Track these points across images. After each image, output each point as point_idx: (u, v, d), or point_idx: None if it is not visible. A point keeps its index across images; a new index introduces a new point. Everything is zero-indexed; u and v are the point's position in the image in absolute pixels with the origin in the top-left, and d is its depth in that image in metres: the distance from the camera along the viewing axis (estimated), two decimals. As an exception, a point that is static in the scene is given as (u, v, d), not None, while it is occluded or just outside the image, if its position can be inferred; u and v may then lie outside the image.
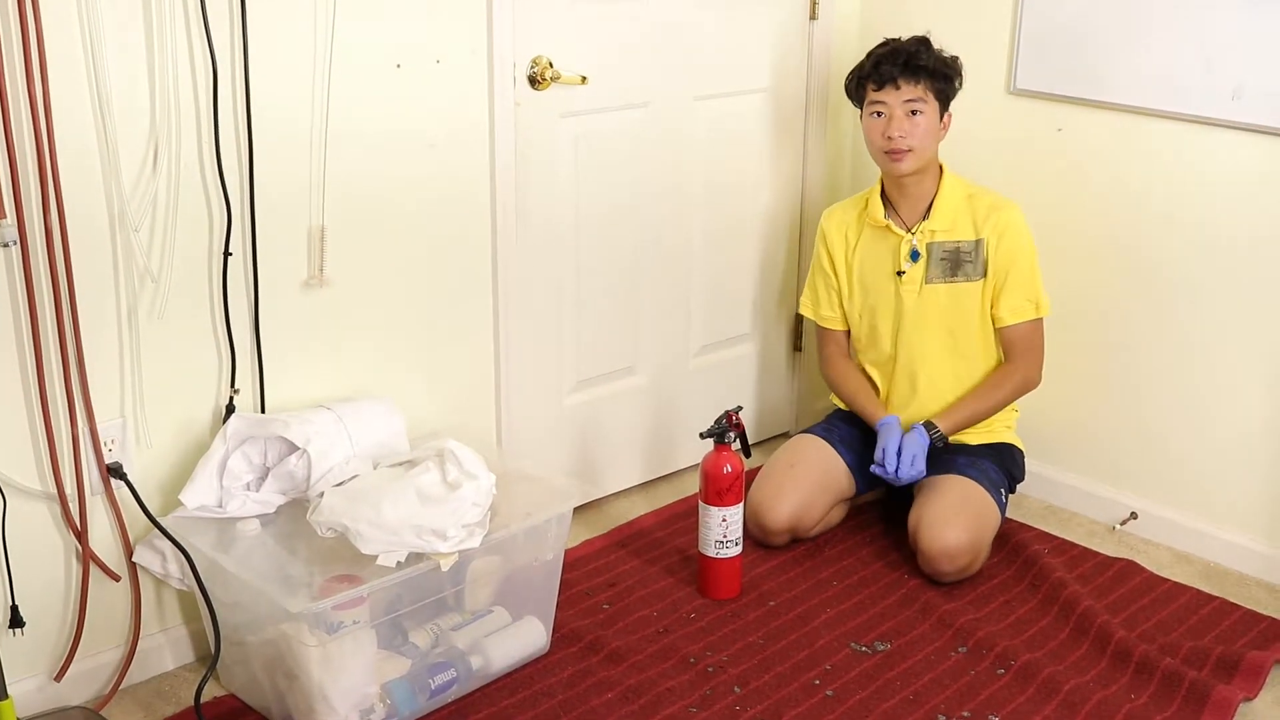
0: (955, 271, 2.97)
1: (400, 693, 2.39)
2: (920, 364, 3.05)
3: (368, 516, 2.29)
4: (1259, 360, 2.93)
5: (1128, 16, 2.97)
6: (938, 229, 2.98)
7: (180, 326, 2.43)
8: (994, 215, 2.97)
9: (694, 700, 2.52)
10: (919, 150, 2.92)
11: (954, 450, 3.05)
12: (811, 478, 3.04)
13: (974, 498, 2.92)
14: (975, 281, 2.97)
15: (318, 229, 2.56)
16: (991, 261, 2.96)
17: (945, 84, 2.94)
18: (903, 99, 2.90)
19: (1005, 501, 3.02)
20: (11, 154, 2.13)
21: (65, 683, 2.43)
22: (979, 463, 3.01)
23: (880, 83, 2.92)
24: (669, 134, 3.15)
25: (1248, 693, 2.53)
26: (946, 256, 2.97)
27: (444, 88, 2.68)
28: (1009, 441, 3.12)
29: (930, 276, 2.99)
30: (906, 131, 2.90)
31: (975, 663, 2.64)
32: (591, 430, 3.22)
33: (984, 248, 2.96)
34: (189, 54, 2.31)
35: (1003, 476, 3.03)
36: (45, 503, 2.34)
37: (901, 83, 2.90)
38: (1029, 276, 2.98)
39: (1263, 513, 2.99)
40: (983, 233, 2.96)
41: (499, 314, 2.91)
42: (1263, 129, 2.82)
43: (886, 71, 2.91)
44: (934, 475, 2.98)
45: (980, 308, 2.99)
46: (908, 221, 3.02)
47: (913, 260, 2.99)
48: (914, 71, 2.90)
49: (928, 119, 2.92)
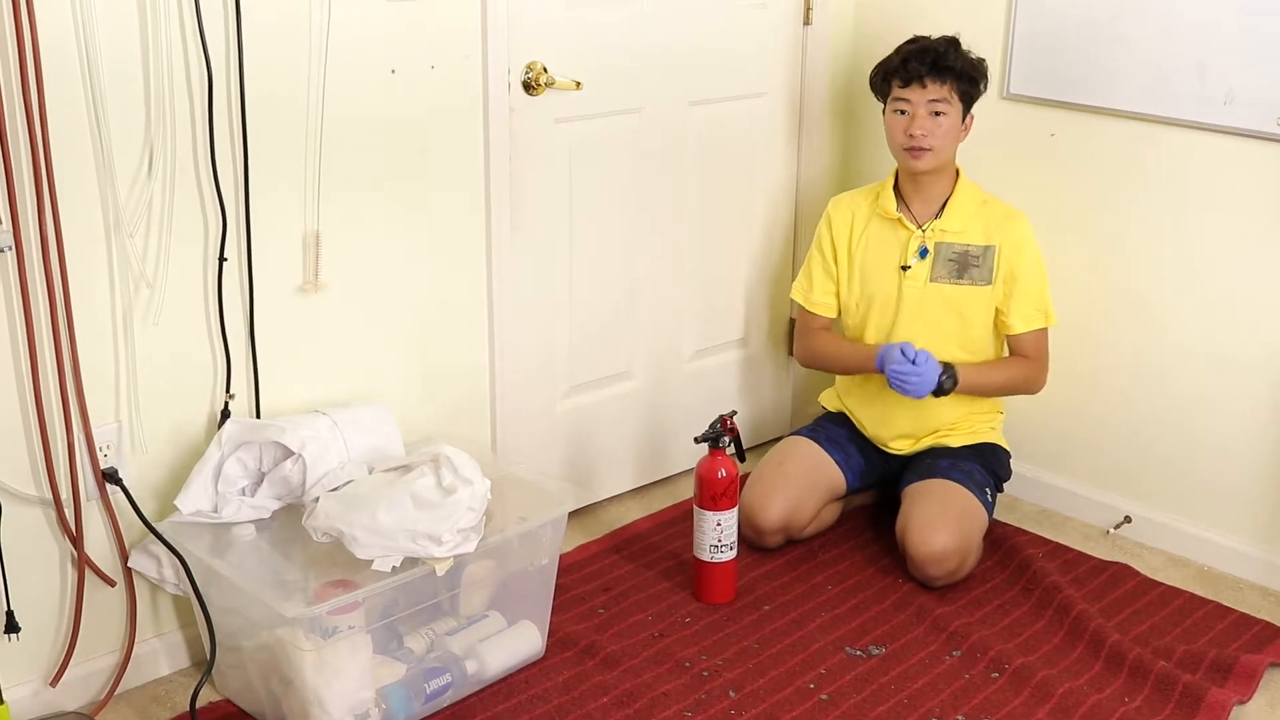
0: (962, 274, 2.98)
1: (395, 697, 2.39)
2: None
3: (363, 521, 2.29)
4: (1252, 364, 2.94)
5: (1120, 22, 2.98)
6: (949, 229, 2.99)
7: (175, 331, 2.43)
8: (1006, 224, 2.98)
9: (689, 704, 2.52)
10: (939, 150, 2.93)
11: (938, 453, 3.06)
12: (801, 476, 3.05)
13: (959, 501, 2.93)
14: (981, 287, 2.98)
15: (313, 234, 2.57)
16: (1001, 270, 2.97)
17: (970, 86, 2.95)
18: (927, 98, 2.91)
19: (992, 502, 3.03)
20: (7, 159, 2.13)
21: (61, 688, 2.43)
22: (963, 465, 3.01)
23: (906, 80, 2.93)
24: (663, 139, 3.16)
25: (1241, 696, 2.54)
26: (955, 258, 2.98)
27: (438, 93, 2.69)
28: (993, 442, 3.12)
29: (936, 275, 2.99)
30: (929, 130, 2.91)
31: (969, 666, 2.65)
32: (586, 435, 3.22)
33: (994, 255, 2.96)
34: (184, 58, 2.32)
35: (988, 477, 3.04)
36: (40, 508, 2.34)
37: (928, 82, 2.91)
38: (1039, 286, 3.00)
39: (1256, 516, 3.00)
40: (994, 240, 2.97)
41: (493, 318, 2.91)
42: (1254, 134, 2.83)
43: (914, 69, 2.91)
44: (918, 480, 2.99)
45: (982, 314, 3.00)
46: (919, 218, 3.03)
47: (920, 257, 3.00)
48: (941, 72, 2.91)
49: (950, 120, 2.93)
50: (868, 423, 3.15)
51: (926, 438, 3.10)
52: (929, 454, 3.06)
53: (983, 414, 3.11)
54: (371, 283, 2.69)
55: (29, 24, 2.09)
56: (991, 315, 3.01)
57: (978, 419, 3.10)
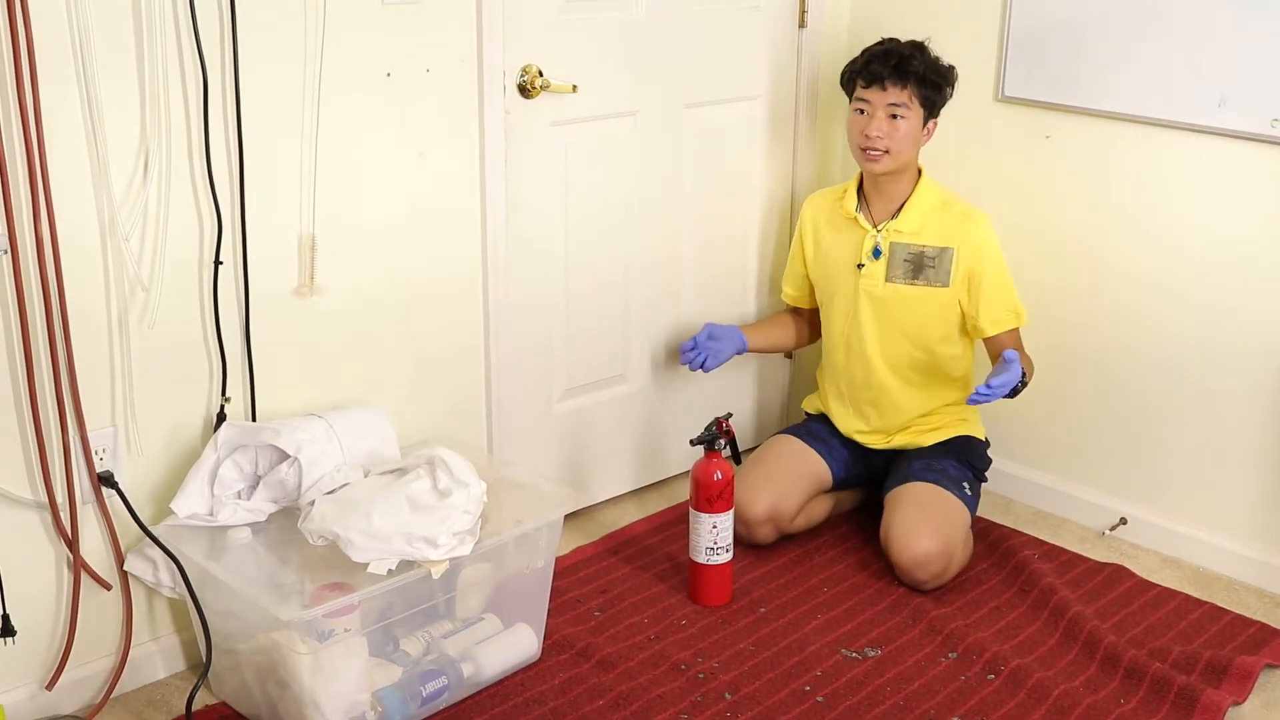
0: (917, 275, 3.00)
1: (391, 700, 2.39)
2: (870, 356, 3.08)
3: (359, 524, 2.29)
4: (1247, 365, 2.94)
5: (1116, 24, 2.99)
6: (904, 230, 3.00)
7: (171, 335, 2.43)
8: (965, 225, 2.98)
9: (685, 707, 2.52)
10: (895, 153, 2.94)
11: (912, 456, 3.08)
12: (784, 467, 3.08)
13: (937, 502, 2.94)
14: (937, 288, 2.99)
15: (308, 237, 2.57)
16: (959, 272, 2.98)
17: (933, 92, 2.96)
18: (887, 101, 2.92)
19: (973, 495, 3.03)
20: (2, 163, 2.13)
21: (57, 691, 2.43)
22: (936, 464, 3.03)
23: (868, 81, 2.94)
24: (659, 142, 3.16)
25: (1236, 697, 2.54)
26: (910, 259, 3.00)
27: (434, 96, 2.69)
28: (965, 434, 3.13)
29: (891, 275, 3.02)
30: (885, 133, 2.92)
31: (965, 668, 2.65)
32: (582, 437, 3.23)
33: (951, 257, 2.97)
34: (179, 62, 2.32)
35: (964, 471, 3.05)
36: (36, 511, 2.34)
37: (888, 84, 2.92)
38: (1005, 287, 3.01)
39: (1252, 518, 3.01)
40: (952, 242, 2.98)
41: (489, 321, 2.91)
42: (1249, 136, 2.83)
43: (875, 71, 2.93)
44: (896, 485, 3.02)
45: (940, 315, 3.01)
46: (876, 218, 3.04)
47: (874, 257, 3.02)
48: (902, 76, 2.92)
49: (909, 124, 2.94)
50: (839, 417, 3.19)
51: (897, 435, 3.13)
52: (904, 456, 3.09)
53: (949, 407, 3.13)
54: (367, 285, 2.69)
55: (24, 25, 2.10)
56: (952, 316, 3.02)
57: (944, 414, 3.12)
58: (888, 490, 3.05)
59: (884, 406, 3.11)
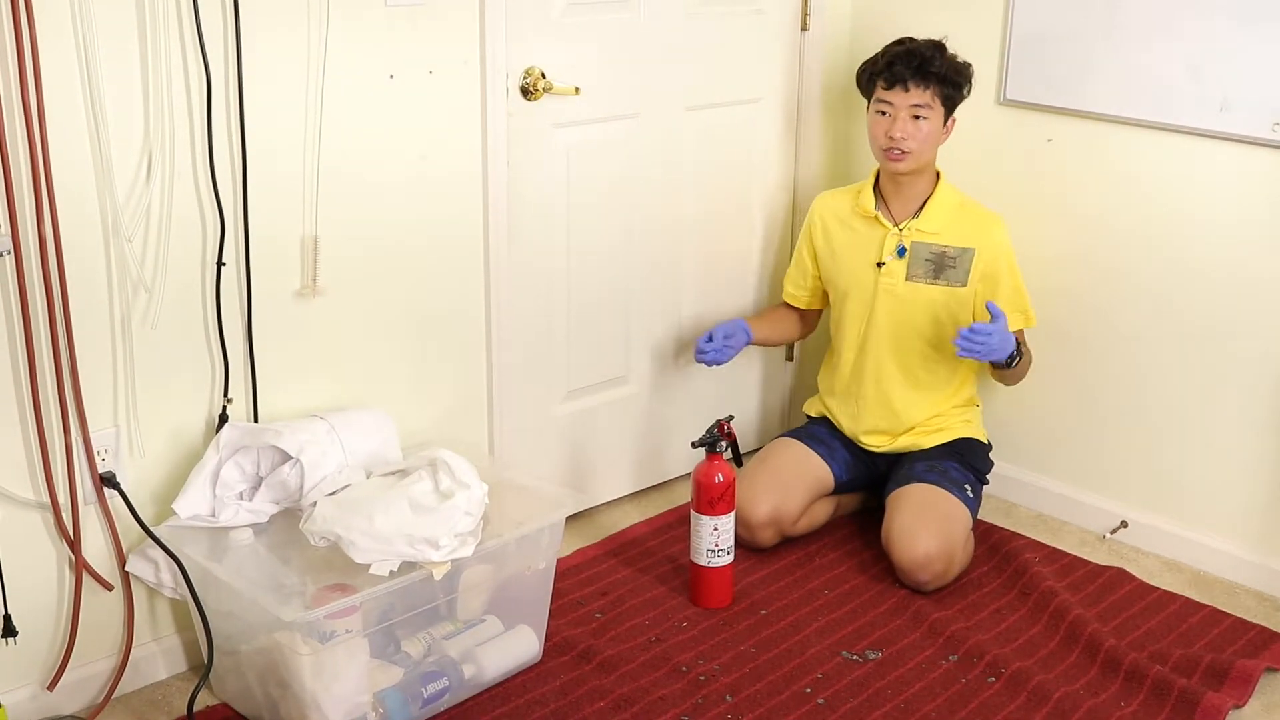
0: (938, 274, 3.00)
1: (393, 701, 2.40)
2: (883, 354, 3.08)
3: (360, 526, 2.30)
4: (1246, 369, 2.94)
5: (1117, 28, 2.99)
6: (925, 229, 3.01)
7: (173, 336, 2.43)
8: (985, 227, 3.00)
9: (686, 709, 2.52)
10: (918, 153, 2.95)
11: (914, 457, 3.09)
12: (786, 470, 3.08)
13: (938, 503, 2.94)
14: (956, 288, 3.00)
15: (311, 239, 2.57)
16: (976, 272, 2.98)
17: (954, 90, 2.97)
18: (910, 102, 2.93)
19: (974, 497, 3.04)
20: (5, 163, 2.13)
21: (58, 692, 2.43)
22: (938, 465, 3.03)
23: (890, 83, 2.95)
24: (661, 144, 3.16)
25: (1237, 701, 2.54)
26: (931, 258, 3.00)
27: (437, 98, 2.69)
28: (968, 436, 3.14)
29: (912, 274, 3.02)
30: (909, 134, 2.93)
31: (966, 671, 2.65)
32: (583, 439, 3.23)
33: (971, 258, 2.98)
34: (183, 63, 2.32)
35: (965, 474, 3.05)
36: (38, 512, 2.34)
37: (911, 86, 2.92)
38: (1018, 289, 3.03)
39: (1252, 521, 3.01)
40: (973, 243, 2.99)
41: (491, 323, 2.91)
42: (1250, 140, 2.84)
43: (898, 73, 2.93)
44: (897, 487, 3.02)
45: (956, 315, 3.01)
46: (897, 217, 3.05)
47: (898, 255, 3.02)
48: (925, 77, 2.92)
49: (931, 124, 2.94)
50: (843, 419, 3.19)
51: (901, 436, 3.13)
52: (906, 458, 3.10)
53: (954, 409, 3.13)
54: (370, 287, 2.69)
55: (29, 29, 2.10)
56: (966, 316, 3.02)
57: (949, 416, 3.12)
58: (889, 492, 3.05)
59: (891, 407, 3.11)
